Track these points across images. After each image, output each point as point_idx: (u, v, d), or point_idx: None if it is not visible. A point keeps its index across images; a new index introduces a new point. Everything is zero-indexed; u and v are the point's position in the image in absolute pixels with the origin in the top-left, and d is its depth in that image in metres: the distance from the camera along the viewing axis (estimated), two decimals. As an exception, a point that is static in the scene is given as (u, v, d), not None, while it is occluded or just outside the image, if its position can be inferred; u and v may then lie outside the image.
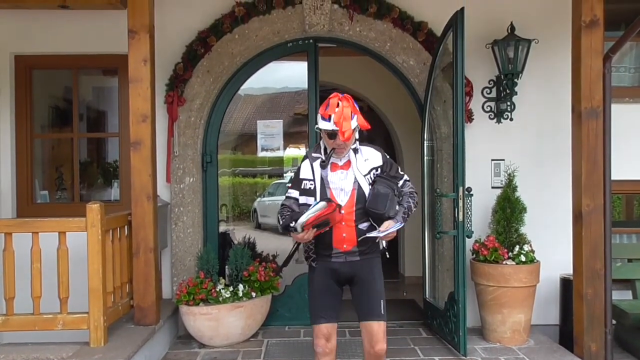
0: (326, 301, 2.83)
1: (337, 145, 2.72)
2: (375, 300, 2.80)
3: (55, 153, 5.39)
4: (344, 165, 2.80)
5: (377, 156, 2.85)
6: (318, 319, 2.83)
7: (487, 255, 4.18)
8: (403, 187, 2.88)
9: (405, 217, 2.79)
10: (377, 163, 2.82)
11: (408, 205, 2.83)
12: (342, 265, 2.79)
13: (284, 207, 2.84)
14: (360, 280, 2.82)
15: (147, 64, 3.80)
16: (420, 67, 4.70)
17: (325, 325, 2.81)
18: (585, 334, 3.79)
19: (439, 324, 4.36)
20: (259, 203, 9.94)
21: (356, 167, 2.78)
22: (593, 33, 3.74)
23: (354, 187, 2.75)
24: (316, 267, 2.85)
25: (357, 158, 2.80)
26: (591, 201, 3.78)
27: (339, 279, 2.83)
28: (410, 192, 2.89)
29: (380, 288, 2.84)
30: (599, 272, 3.80)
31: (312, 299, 2.89)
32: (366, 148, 2.86)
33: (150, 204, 3.82)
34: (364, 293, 2.82)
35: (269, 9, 4.62)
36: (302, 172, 2.85)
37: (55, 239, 3.44)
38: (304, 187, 2.81)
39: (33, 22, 4.67)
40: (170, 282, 4.67)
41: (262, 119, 6.00)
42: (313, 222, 2.57)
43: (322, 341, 2.81)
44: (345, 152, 2.78)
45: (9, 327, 3.46)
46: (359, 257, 2.79)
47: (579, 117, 3.82)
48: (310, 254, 2.86)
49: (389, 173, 2.83)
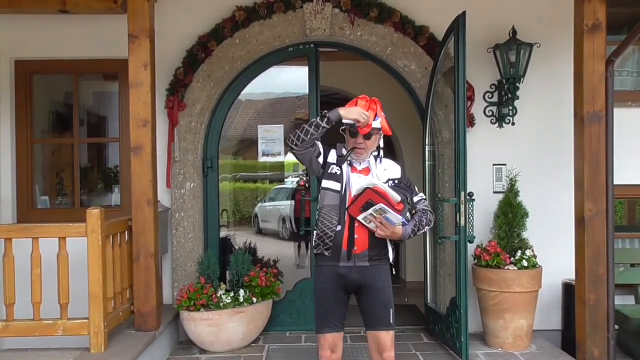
0: (332, 309, 2.77)
1: (358, 144, 2.73)
2: (385, 309, 2.75)
3: (55, 158, 5.38)
4: (362, 170, 2.80)
5: (396, 169, 2.88)
6: (323, 328, 2.77)
7: (489, 260, 4.16)
8: (417, 203, 2.86)
9: (415, 229, 2.77)
10: (396, 175, 2.84)
11: (419, 219, 2.80)
12: (350, 270, 2.73)
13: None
14: (369, 288, 2.75)
15: (147, 69, 3.80)
16: (422, 71, 4.70)
17: (331, 335, 2.76)
18: (587, 339, 3.76)
19: (441, 329, 4.34)
20: (260, 208, 9.91)
21: (375, 174, 2.77)
22: (595, 37, 3.72)
23: None
24: (322, 272, 2.78)
25: (377, 166, 2.81)
26: (593, 206, 3.76)
27: (346, 285, 2.77)
28: (424, 210, 2.86)
29: (390, 297, 2.79)
30: (602, 277, 3.78)
31: (317, 307, 2.83)
32: (387, 160, 2.89)
33: (150, 209, 3.80)
34: (373, 301, 2.76)
35: (269, 14, 4.62)
36: (330, 156, 2.83)
37: (55, 245, 3.43)
38: (329, 170, 2.78)
39: (33, 27, 4.67)
40: (170, 287, 4.66)
41: (262, 124, 5.98)
42: (379, 200, 2.56)
43: (327, 352, 2.76)
44: (364, 155, 2.78)
45: (9, 333, 3.44)
46: (368, 263, 2.73)
47: (581, 121, 3.80)
48: (327, 241, 2.72)
49: (405, 186, 2.84)
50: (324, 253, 2.76)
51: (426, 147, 4.82)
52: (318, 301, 2.82)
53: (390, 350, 2.74)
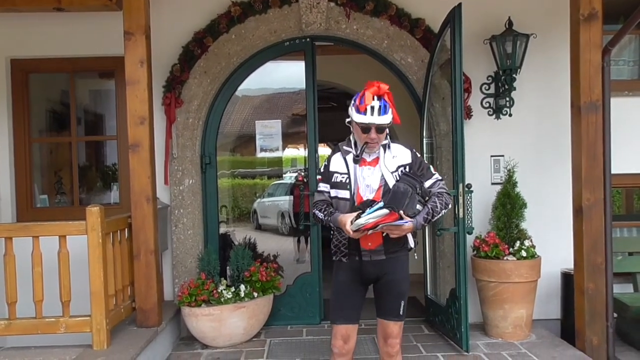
0: (348, 301, 2.79)
1: (371, 139, 2.67)
2: (396, 301, 2.77)
3: (53, 157, 5.38)
4: (372, 162, 2.73)
5: (406, 154, 2.76)
6: (337, 319, 2.80)
7: (488, 252, 4.18)
8: (432, 187, 2.76)
9: (427, 217, 2.67)
10: (406, 161, 2.73)
11: (432, 206, 2.69)
12: (367, 264, 2.74)
13: (320, 202, 2.79)
14: (385, 280, 2.77)
15: (143, 66, 3.79)
16: (418, 64, 4.70)
17: (345, 327, 2.78)
18: (586, 328, 3.80)
19: (441, 320, 4.36)
20: (259, 204, 9.92)
21: (384, 164, 2.70)
22: (592, 26, 3.73)
23: (381, 183, 2.66)
24: (342, 265, 2.80)
25: (386, 155, 2.73)
26: (591, 195, 3.78)
27: (363, 278, 2.78)
28: (439, 193, 2.75)
29: (404, 289, 2.81)
30: (600, 266, 3.80)
31: (333, 297, 2.84)
32: (396, 145, 2.78)
33: (150, 206, 3.81)
34: (387, 292, 2.78)
35: (265, 8, 4.61)
36: (332, 164, 2.80)
37: (55, 243, 3.44)
38: (334, 180, 2.75)
39: (28, 25, 4.65)
40: (171, 283, 4.67)
41: (260, 120, 5.97)
42: (371, 227, 2.52)
43: (339, 342, 2.78)
44: (377, 147, 2.71)
45: (12, 331, 3.45)
46: (384, 256, 2.73)
47: (578, 111, 3.81)
48: (342, 249, 2.77)
49: (417, 172, 2.73)
50: (342, 260, 2.80)
51: (424, 140, 4.82)
52: (334, 293, 2.84)
53: (395, 338, 2.79)
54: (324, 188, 2.81)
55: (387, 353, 2.82)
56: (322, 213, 2.75)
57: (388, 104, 2.67)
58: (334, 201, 2.76)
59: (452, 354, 3.96)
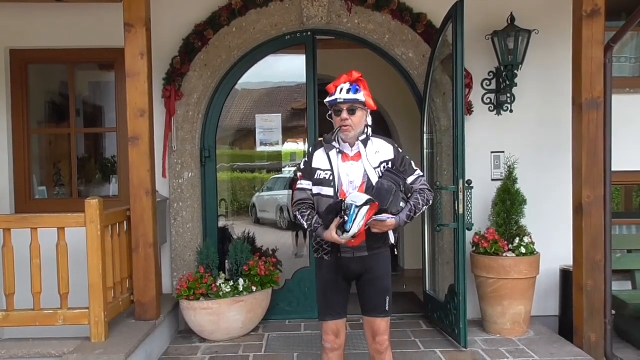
0: (334, 298, 2.80)
1: (342, 120, 2.65)
2: (381, 297, 2.76)
3: (52, 149, 5.36)
4: (354, 157, 2.70)
5: (388, 149, 2.73)
6: (326, 316, 2.82)
7: (488, 248, 4.18)
8: (414, 183, 2.74)
9: (410, 214, 2.67)
10: (389, 156, 2.71)
11: (415, 203, 2.68)
12: (350, 260, 2.73)
13: (302, 202, 2.74)
14: (368, 276, 2.76)
15: (144, 58, 3.77)
16: (420, 59, 4.68)
17: (335, 322, 2.80)
18: (585, 325, 3.80)
19: (440, 316, 4.37)
20: (258, 198, 9.93)
21: (366, 159, 2.67)
22: (594, 23, 3.71)
23: (364, 179, 2.64)
24: (324, 263, 2.80)
25: (368, 150, 2.70)
26: (591, 193, 3.78)
27: (346, 275, 2.78)
28: (420, 189, 2.74)
29: (387, 285, 2.80)
30: (599, 264, 3.80)
31: (320, 296, 2.87)
32: (378, 140, 2.76)
33: (149, 199, 3.80)
34: (370, 289, 2.78)
35: (266, 1, 4.58)
36: (315, 161, 2.75)
37: (54, 235, 3.43)
38: (317, 177, 2.71)
39: (28, 16, 4.62)
40: (170, 277, 4.66)
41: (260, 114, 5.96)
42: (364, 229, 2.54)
43: (331, 337, 2.81)
44: (352, 134, 2.67)
45: (10, 322, 3.45)
46: (367, 253, 2.72)
47: (579, 108, 3.80)
48: (325, 247, 2.75)
49: (399, 168, 2.70)
50: (324, 258, 2.79)
51: (424, 135, 4.81)
52: (320, 291, 2.86)
53: (383, 335, 2.78)
54: (306, 185, 2.75)
55: (377, 350, 2.81)
56: (305, 220, 2.71)
57: (360, 87, 2.68)
58: (316, 199, 2.71)
59: (450, 349, 3.96)
